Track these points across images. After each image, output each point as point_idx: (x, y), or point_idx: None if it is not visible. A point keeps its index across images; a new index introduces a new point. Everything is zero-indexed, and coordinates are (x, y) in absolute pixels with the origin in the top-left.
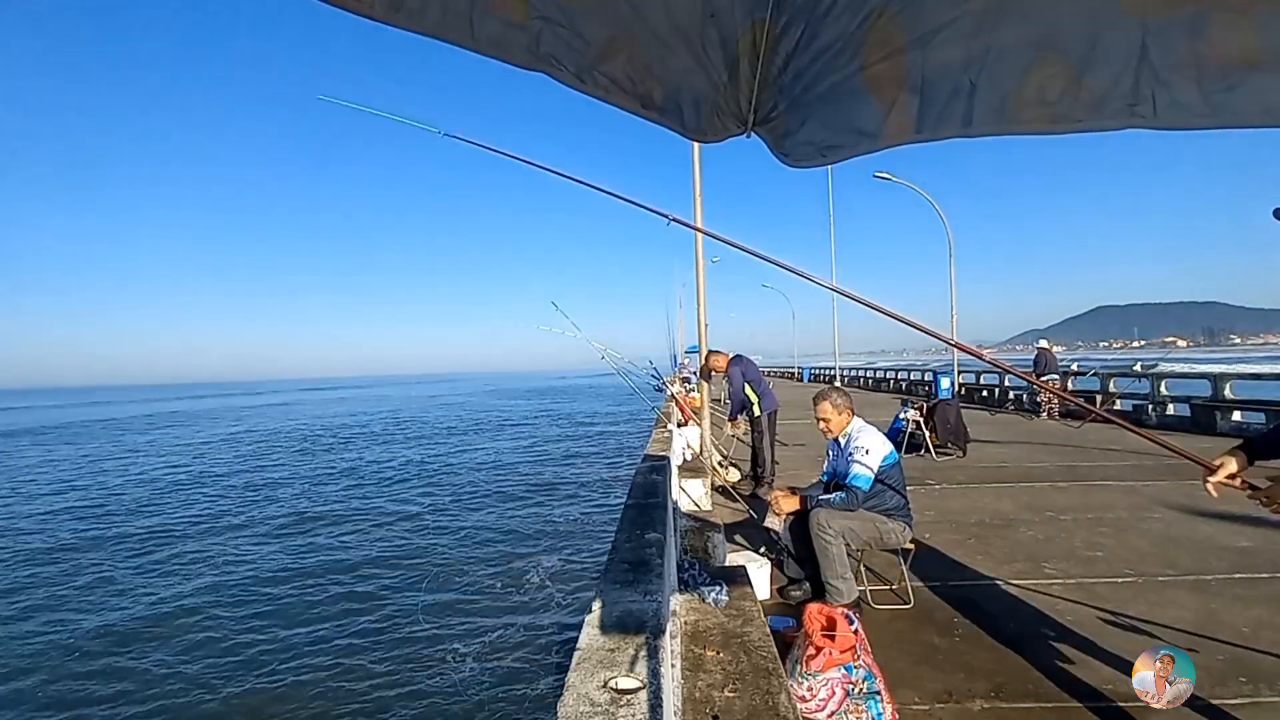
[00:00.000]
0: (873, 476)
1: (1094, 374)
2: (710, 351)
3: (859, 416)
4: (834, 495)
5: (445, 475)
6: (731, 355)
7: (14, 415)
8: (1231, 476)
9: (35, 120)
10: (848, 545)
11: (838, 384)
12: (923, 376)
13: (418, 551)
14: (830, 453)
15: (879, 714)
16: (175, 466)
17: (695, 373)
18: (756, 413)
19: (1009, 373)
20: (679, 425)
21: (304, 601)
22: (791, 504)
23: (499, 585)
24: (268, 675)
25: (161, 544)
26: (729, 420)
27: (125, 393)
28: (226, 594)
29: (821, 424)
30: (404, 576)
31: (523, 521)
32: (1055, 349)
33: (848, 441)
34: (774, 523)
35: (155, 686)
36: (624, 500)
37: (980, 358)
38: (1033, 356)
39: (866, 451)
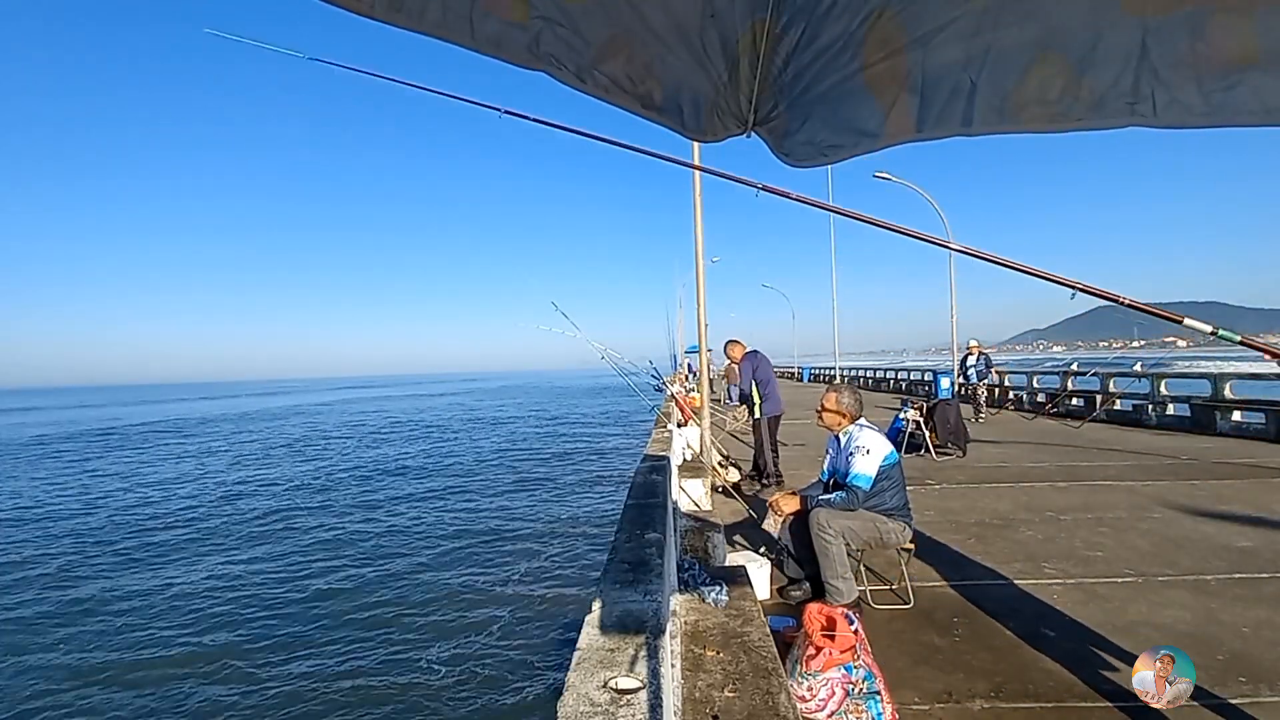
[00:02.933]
0: (873, 476)
1: (1094, 374)
2: (729, 341)
3: (861, 417)
4: (834, 495)
5: (442, 474)
6: (748, 350)
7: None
8: None
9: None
10: (848, 545)
11: (849, 384)
12: (923, 376)
13: (414, 551)
14: (830, 451)
15: (879, 714)
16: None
17: (696, 372)
18: (757, 415)
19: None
20: (679, 425)
21: (299, 600)
22: (792, 504)
23: (498, 585)
24: (265, 675)
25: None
26: (732, 406)
27: (136, 393)
28: (218, 599)
29: (818, 410)
30: (401, 576)
31: (522, 521)
32: (1055, 349)
33: (848, 440)
34: (772, 526)
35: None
36: (624, 500)
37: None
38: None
39: (867, 451)
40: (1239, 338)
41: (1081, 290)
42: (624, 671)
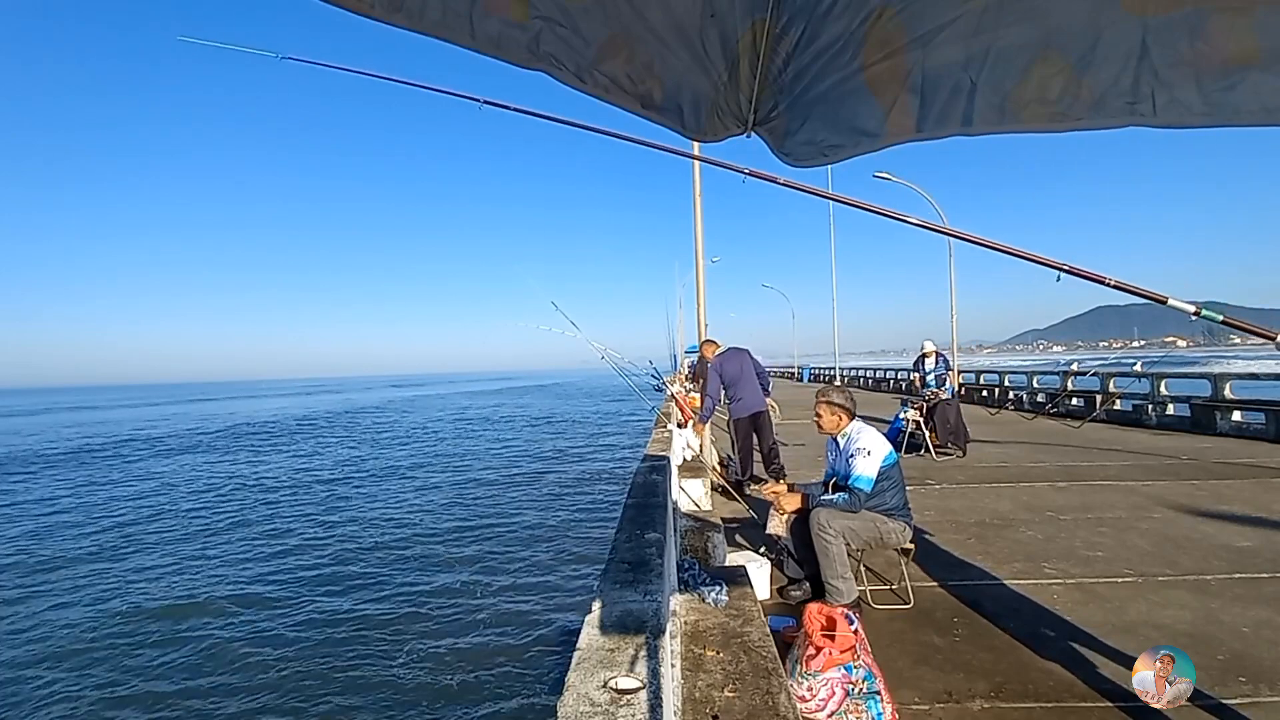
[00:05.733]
0: (874, 478)
1: (1094, 374)
2: (704, 341)
3: (859, 418)
4: (836, 496)
5: (440, 474)
6: (724, 349)
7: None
8: None
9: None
10: (848, 545)
11: (836, 383)
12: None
13: (414, 551)
14: (830, 453)
15: (879, 714)
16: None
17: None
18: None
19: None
20: (679, 425)
21: (298, 601)
22: (794, 503)
23: (497, 584)
24: (260, 672)
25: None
26: (698, 422)
27: (167, 393)
28: (227, 597)
29: (816, 419)
30: (401, 577)
31: (521, 521)
32: (1055, 349)
33: (848, 442)
34: (776, 527)
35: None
36: (623, 500)
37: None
38: (916, 358)
39: (868, 453)
40: (1221, 317)
41: (1067, 272)
42: (624, 671)
